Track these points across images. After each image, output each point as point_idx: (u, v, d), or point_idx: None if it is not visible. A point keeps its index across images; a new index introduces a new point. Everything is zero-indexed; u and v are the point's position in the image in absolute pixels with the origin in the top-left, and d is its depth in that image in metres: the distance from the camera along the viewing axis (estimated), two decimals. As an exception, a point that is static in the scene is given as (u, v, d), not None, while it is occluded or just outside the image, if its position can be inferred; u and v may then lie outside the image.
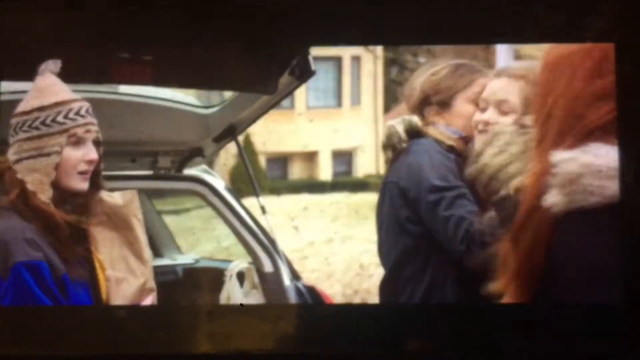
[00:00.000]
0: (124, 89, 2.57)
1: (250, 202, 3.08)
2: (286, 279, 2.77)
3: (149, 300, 1.96)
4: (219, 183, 2.93)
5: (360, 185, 4.12)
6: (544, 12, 1.82)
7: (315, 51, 2.34)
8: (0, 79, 1.99)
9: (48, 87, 1.86)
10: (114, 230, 1.98)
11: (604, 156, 1.41)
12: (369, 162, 4.02)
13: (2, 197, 1.81)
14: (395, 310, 1.87)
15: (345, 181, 4.31)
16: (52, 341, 1.81)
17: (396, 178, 2.07)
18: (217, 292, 2.75)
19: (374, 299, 2.20)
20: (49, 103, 1.84)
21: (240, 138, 2.89)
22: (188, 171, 2.91)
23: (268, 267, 2.82)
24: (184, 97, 2.75)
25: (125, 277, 1.94)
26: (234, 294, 2.68)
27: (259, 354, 1.78)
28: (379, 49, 3.70)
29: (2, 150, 2.14)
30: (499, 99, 1.99)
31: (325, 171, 4.47)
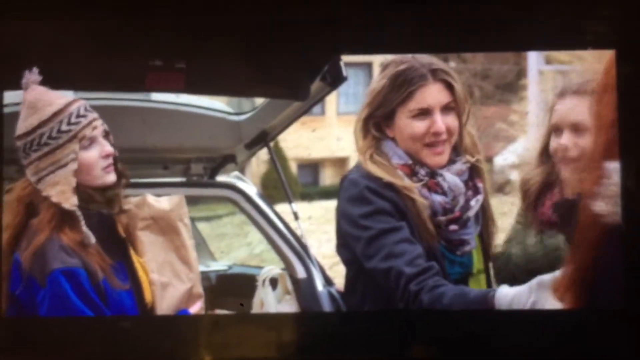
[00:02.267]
0: (156, 96, 2.60)
1: (281, 208, 3.09)
2: (319, 285, 2.76)
3: (198, 306, 1.96)
4: (252, 189, 2.94)
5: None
6: (546, 19, 1.80)
7: (346, 57, 2.34)
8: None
9: (38, 100, 1.83)
10: (160, 234, 1.98)
11: None
12: (400, 168, 4.00)
13: (34, 219, 1.81)
14: (396, 317, 1.85)
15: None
16: (57, 352, 1.82)
17: (337, 211, 1.93)
18: (250, 299, 2.76)
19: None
20: (47, 116, 1.82)
21: (271, 144, 2.90)
22: (220, 178, 2.92)
23: (301, 273, 2.82)
24: (215, 104, 2.77)
25: (170, 281, 1.94)
26: (267, 300, 2.68)
27: (263, 363, 1.78)
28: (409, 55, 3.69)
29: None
30: (572, 122, 1.87)
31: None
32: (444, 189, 1.88)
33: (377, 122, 1.92)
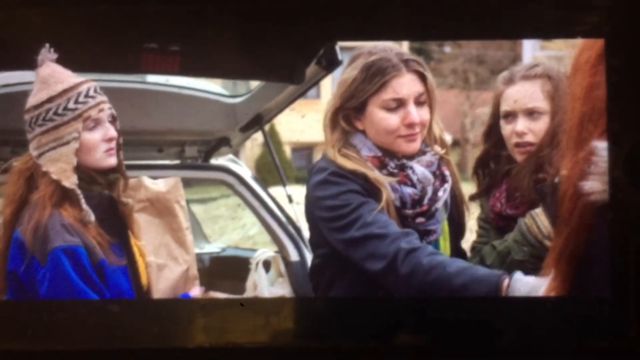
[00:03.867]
0: (151, 78, 2.59)
1: (275, 191, 3.10)
2: (312, 268, 2.77)
3: (197, 290, 1.97)
4: (246, 172, 2.95)
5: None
6: (535, 7, 1.79)
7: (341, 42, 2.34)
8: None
9: (51, 76, 1.83)
10: (157, 216, 1.98)
11: None
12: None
13: (34, 193, 1.81)
14: (388, 303, 1.85)
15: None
16: (46, 336, 1.82)
17: (306, 200, 1.89)
18: (243, 281, 2.77)
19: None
20: (57, 92, 1.82)
21: (266, 128, 2.90)
22: (215, 161, 2.93)
23: (294, 255, 2.84)
24: (211, 86, 2.76)
25: (166, 263, 1.96)
26: (260, 282, 2.70)
27: (252, 348, 1.78)
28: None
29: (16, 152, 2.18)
30: (528, 108, 1.90)
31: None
32: (413, 181, 1.86)
33: (347, 114, 1.87)
